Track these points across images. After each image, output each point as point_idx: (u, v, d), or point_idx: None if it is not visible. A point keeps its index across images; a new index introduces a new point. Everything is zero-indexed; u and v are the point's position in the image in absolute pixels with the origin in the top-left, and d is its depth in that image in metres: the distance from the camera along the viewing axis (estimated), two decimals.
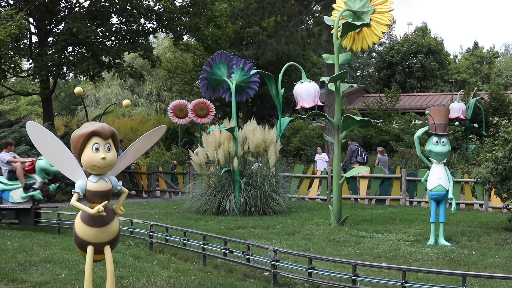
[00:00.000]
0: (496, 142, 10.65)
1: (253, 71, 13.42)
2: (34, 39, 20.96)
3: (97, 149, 5.07)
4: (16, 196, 10.26)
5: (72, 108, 44.88)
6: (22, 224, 10.30)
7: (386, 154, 17.88)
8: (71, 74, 23.91)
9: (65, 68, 20.42)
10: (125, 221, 9.18)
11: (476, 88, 25.38)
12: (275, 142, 12.99)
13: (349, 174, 12.10)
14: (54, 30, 21.09)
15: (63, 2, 21.03)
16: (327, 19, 11.72)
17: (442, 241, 9.14)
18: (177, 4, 22.48)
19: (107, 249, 5.34)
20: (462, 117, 19.86)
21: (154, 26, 22.03)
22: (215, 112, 22.15)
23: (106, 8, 20.40)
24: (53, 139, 5.39)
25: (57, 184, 10.99)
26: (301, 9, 22.01)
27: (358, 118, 11.24)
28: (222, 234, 8.20)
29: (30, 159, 10.52)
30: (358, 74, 49.94)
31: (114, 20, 21.87)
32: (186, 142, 24.21)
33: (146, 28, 22.04)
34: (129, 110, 37.47)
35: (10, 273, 6.78)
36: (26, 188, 10.15)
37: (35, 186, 10.21)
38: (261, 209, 12.44)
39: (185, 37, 25.24)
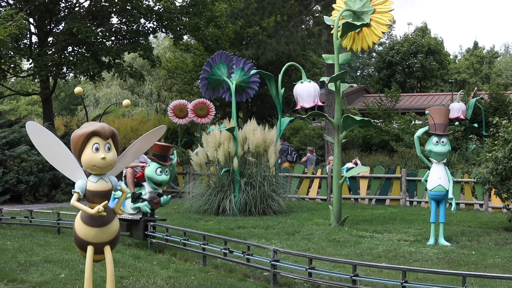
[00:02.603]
0: (496, 142, 10.65)
1: (253, 71, 13.42)
2: (34, 39, 20.97)
3: (97, 149, 5.07)
4: (129, 206, 8.88)
5: (72, 108, 44.90)
6: (133, 237, 9.00)
7: (315, 154, 19.88)
8: (71, 74, 23.91)
9: (65, 68, 20.40)
10: None
11: (476, 88, 25.38)
12: (275, 142, 12.99)
13: (349, 174, 12.10)
14: (54, 30, 21.07)
15: (63, 2, 21.02)
16: (327, 19, 11.72)
17: (442, 241, 9.14)
18: (177, 4, 22.47)
19: (107, 249, 5.34)
20: (462, 117, 19.86)
21: (154, 26, 22.02)
22: (215, 112, 22.16)
23: (106, 8, 20.39)
24: (53, 139, 5.39)
25: (170, 196, 8.98)
26: (301, 9, 22.00)
27: (358, 118, 11.24)
28: (222, 234, 8.20)
29: (142, 165, 8.97)
30: (358, 74, 49.94)
31: (114, 20, 21.88)
32: (186, 142, 24.21)
33: (146, 28, 22.03)
34: (129, 110, 37.48)
35: (10, 273, 6.78)
36: (134, 198, 8.73)
37: (144, 197, 8.72)
38: (261, 209, 12.44)
39: (185, 37, 25.23)
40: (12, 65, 18.73)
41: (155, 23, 21.95)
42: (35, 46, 20.63)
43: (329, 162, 17.24)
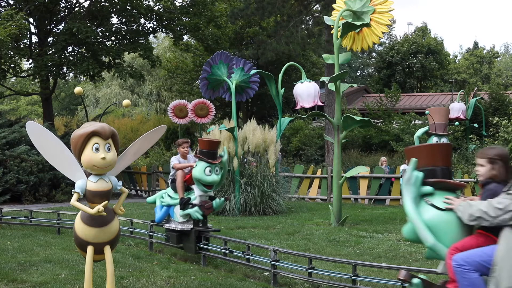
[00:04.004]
0: (496, 142, 10.66)
1: (253, 71, 13.42)
2: (34, 39, 20.97)
3: (97, 149, 5.07)
4: (179, 214, 7.70)
5: (72, 108, 44.91)
6: (185, 250, 7.86)
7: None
8: (71, 74, 23.92)
9: (65, 68, 20.40)
10: (125, 221, 9.18)
11: (476, 88, 25.37)
12: (275, 142, 13.00)
13: (349, 174, 12.10)
14: (54, 30, 21.08)
15: (63, 2, 21.02)
16: (327, 19, 11.71)
17: None
18: (177, 4, 22.48)
19: (107, 249, 5.34)
20: (462, 117, 19.86)
21: (154, 26, 22.03)
22: (215, 112, 22.14)
23: (106, 8, 20.40)
24: (53, 139, 5.39)
25: (223, 199, 7.73)
26: (301, 9, 22.01)
27: (358, 118, 11.23)
28: (222, 234, 8.20)
29: (189, 165, 7.79)
30: (358, 74, 49.95)
31: (114, 20, 21.88)
32: None
33: (146, 28, 22.03)
34: (129, 110, 37.50)
35: (10, 273, 6.78)
36: (182, 204, 7.54)
37: (193, 202, 7.54)
38: (261, 209, 12.45)
39: (185, 37, 25.24)
40: (12, 65, 18.74)
41: (155, 23, 21.96)
42: (35, 46, 20.63)
43: (381, 163, 16.35)
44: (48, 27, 20.73)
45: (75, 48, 20.79)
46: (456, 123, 19.55)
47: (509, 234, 3.48)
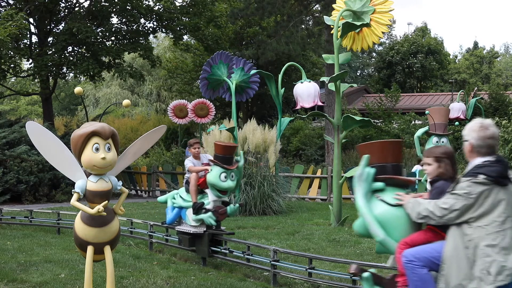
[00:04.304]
0: None
1: (253, 71, 13.41)
2: (34, 39, 20.97)
3: (97, 149, 5.07)
4: (191, 217, 7.51)
5: (72, 108, 44.90)
6: (198, 254, 7.72)
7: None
8: (71, 74, 23.90)
9: (65, 68, 20.40)
10: (125, 221, 9.18)
11: (476, 88, 25.34)
12: (275, 142, 12.99)
13: (349, 174, 12.09)
14: (54, 30, 21.07)
15: (63, 2, 21.01)
16: (327, 19, 11.71)
17: None
18: (177, 4, 22.47)
19: (107, 249, 5.34)
20: (462, 117, 19.83)
21: (154, 26, 22.03)
22: (215, 112, 22.16)
23: (106, 8, 20.39)
24: (53, 139, 5.39)
25: (238, 205, 7.65)
26: (301, 9, 22.00)
27: (358, 118, 11.23)
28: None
29: (206, 168, 7.52)
30: (358, 74, 49.93)
31: (114, 20, 21.87)
32: (186, 142, 24.21)
33: (146, 28, 22.02)
34: (129, 110, 37.49)
35: (10, 273, 6.78)
36: (196, 208, 7.33)
37: (207, 207, 7.32)
38: (261, 209, 12.44)
39: (185, 37, 25.23)
40: (12, 65, 18.73)
41: (155, 23, 21.95)
42: (35, 46, 20.62)
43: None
44: (48, 27, 20.72)
45: (75, 48, 20.78)
46: (456, 123, 19.51)
47: (455, 233, 3.57)
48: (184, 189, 7.71)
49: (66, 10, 21.41)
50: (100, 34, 20.64)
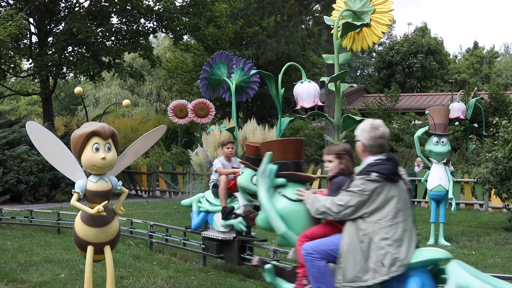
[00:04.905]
0: (496, 142, 10.66)
1: (253, 71, 13.41)
2: (34, 39, 20.97)
3: (97, 149, 5.07)
4: (218, 222, 7.01)
5: (72, 108, 44.90)
6: (227, 261, 7.26)
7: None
8: (71, 74, 23.90)
9: (65, 68, 20.40)
10: (125, 221, 9.18)
11: (476, 88, 25.36)
12: None
13: None
14: (54, 30, 21.07)
15: (63, 2, 21.01)
16: (327, 19, 11.68)
17: (442, 241, 9.14)
18: (177, 4, 22.47)
19: (107, 249, 5.34)
20: (462, 117, 19.85)
21: (154, 26, 22.02)
22: (215, 112, 22.17)
23: (106, 8, 20.39)
24: (53, 139, 5.39)
25: None
26: (301, 9, 21.99)
27: (358, 118, 11.21)
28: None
29: (235, 170, 7.07)
30: (358, 74, 49.93)
31: (114, 20, 21.87)
32: (186, 142, 24.22)
33: (146, 28, 22.02)
34: (129, 110, 37.48)
35: (10, 273, 6.78)
36: (225, 213, 6.86)
37: (237, 212, 6.82)
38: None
39: (185, 37, 25.23)
40: (12, 65, 18.73)
41: (155, 23, 21.94)
42: (35, 46, 20.62)
43: (418, 164, 15.91)
44: (48, 27, 20.72)
45: (75, 48, 20.78)
46: (456, 123, 19.55)
47: (350, 227, 3.74)
48: (210, 192, 7.25)
49: (66, 10, 21.41)
50: (100, 34, 20.64)
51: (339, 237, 3.81)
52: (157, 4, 21.88)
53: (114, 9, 20.78)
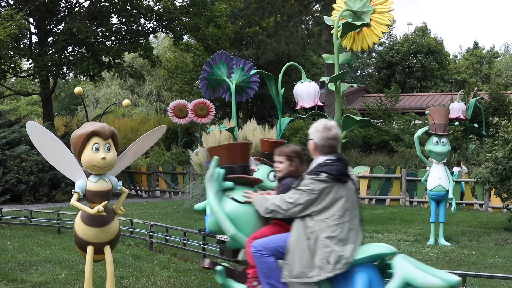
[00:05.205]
0: (496, 142, 10.66)
1: (253, 71, 13.41)
2: (34, 39, 20.97)
3: (97, 149, 5.07)
4: None
5: (72, 108, 44.90)
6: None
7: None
8: (71, 74, 23.90)
9: (65, 68, 20.40)
10: (125, 221, 9.18)
11: (476, 88, 25.35)
12: None
13: None
14: (54, 30, 21.07)
15: (63, 2, 21.02)
16: (327, 19, 11.68)
17: (442, 241, 9.14)
18: (177, 4, 22.47)
19: (107, 249, 5.34)
20: (462, 117, 19.84)
21: (154, 26, 22.03)
22: (215, 112, 22.18)
23: (106, 8, 20.39)
24: (53, 139, 5.39)
25: None
26: (301, 9, 22.00)
27: (358, 118, 11.20)
28: None
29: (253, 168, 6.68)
30: (358, 74, 49.93)
31: (114, 20, 21.87)
32: (186, 142, 24.23)
33: (146, 28, 22.03)
34: (129, 110, 37.49)
35: (10, 273, 6.78)
36: None
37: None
38: None
39: (185, 37, 25.23)
40: (12, 65, 18.73)
41: (155, 23, 21.95)
42: (35, 46, 20.63)
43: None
44: (48, 27, 20.72)
45: (75, 48, 20.79)
46: (456, 123, 19.55)
47: (299, 225, 3.83)
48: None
49: (66, 10, 21.41)
50: (100, 34, 20.64)
51: (288, 235, 3.90)
52: (157, 4, 21.89)
53: (114, 9, 20.78)
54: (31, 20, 20.31)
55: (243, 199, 4.10)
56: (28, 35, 20.18)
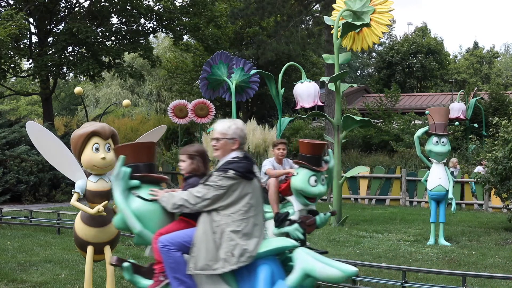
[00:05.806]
0: (496, 142, 10.66)
1: (253, 71, 13.42)
2: (34, 39, 20.97)
3: (97, 149, 5.08)
4: (270, 230, 5.80)
5: (72, 108, 44.88)
6: None
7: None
8: (71, 74, 23.91)
9: (65, 68, 20.40)
10: None
11: (476, 88, 25.36)
12: None
13: (349, 174, 12.11)
14: (54, 30, 21.07)
15: (63, 2, 21.02)
16: (327, 19, 11.72)
17: (442, 241, 9.14)
18: (177, 4, 22.47)
19: (107, 249, 5.34)
20: (462, 117, 19.85)
21: (154, 26, 22.03)
22: (215, 112, 22.17)
23: (106, 8, 20.39)
24: (53, 139, 5.39)
25: (329, 214, 6.15)
26: (301, 9, 22.00)
27: (358, 118, 11.24)
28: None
29: (287, 171, 6.11)
30: (358, 74, 49.93)
31: (114, 20, 21.88)
32: (186, 142, 24.23)
33: (146, 28, 22.03)
34: (129, 110, 37.46)
35: (10, 273, 6.78)
36: (279, 219, 5.90)
37: (292, 218, 5.90)
38: None
39: (185, 37, 25.23)
40: (12, 65, 18.73)
41: (155, 23, 21.95)
42: (35, 46, 20.62)
43: (454, 165, 14.75)
44: (48, 27, 20.72)
45: (75, 48, 20.79)
46: (456, 123, 19.55)
47: (205, 219, 3.94)
48: None
49: (66, 10, 21.42)
50: (100, 34, 20.64)
51: (193, 230, 4.02)
52: (157, 4, 21.89)
53: (114, 9, 20.79)
54: (31, 20, 20.31)
55: (149, 197, 4.18)
56: (28, 35, 20.18)
